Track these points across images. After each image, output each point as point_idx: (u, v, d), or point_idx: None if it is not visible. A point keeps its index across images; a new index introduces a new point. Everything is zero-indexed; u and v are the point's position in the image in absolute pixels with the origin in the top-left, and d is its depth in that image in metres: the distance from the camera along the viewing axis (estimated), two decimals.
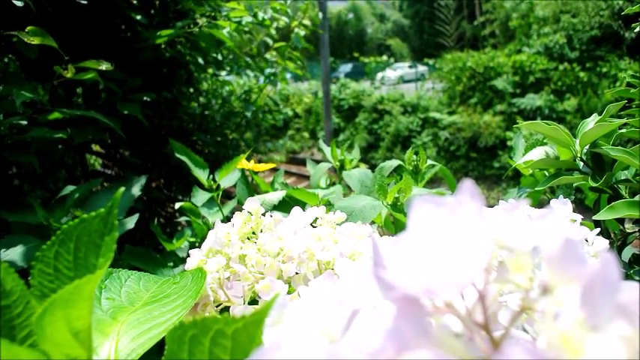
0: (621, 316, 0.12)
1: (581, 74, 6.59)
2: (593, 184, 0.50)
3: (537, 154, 0.57)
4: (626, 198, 0.50)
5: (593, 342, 0.12)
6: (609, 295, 0.13)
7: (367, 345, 0.14)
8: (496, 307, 0.17)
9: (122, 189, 0.25)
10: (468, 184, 0.15)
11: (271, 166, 0.91)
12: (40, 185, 0.99)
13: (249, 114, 1.51)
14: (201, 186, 0.72)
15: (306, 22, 1.49)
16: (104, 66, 0.68)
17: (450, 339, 0.15)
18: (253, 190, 0.76)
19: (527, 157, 0.57)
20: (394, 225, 0.64)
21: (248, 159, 0.85)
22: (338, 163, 0.80)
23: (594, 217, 0.49)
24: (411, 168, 0.73)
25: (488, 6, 10.30)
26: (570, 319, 0.13)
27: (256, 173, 0.82)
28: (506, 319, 0.18)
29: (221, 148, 1.42)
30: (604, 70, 6.54)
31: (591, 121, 0.52)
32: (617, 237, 0.54)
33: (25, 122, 0.68)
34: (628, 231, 0.52)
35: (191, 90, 1.37)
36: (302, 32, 1.48)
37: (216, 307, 0.35)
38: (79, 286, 0.20)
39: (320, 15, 4.74)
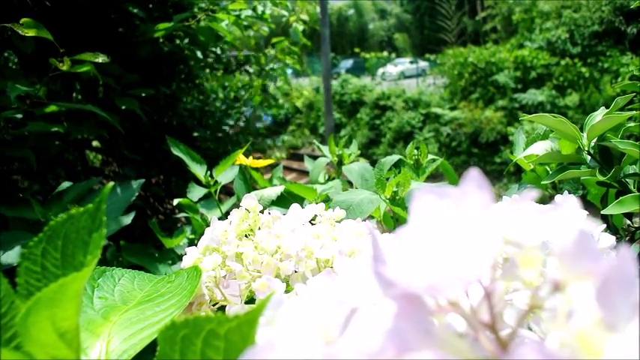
0: None
1: (583, 70, 6.56)
2: (601, 178, 0.49)
3: (541, 148, 0.56)
4: (634, 192, 0.49)
5: (612, 342, 0.11)
6: (628, 292, 0.12)
7: (366, 345, 0.13)
8: (502, 305, 0.16)
9: (111, 184, 0.24)
10: (474, 174, 0.14)
11: (270, 161, 0.90)
12: (40, 181, 0.98)
13: (248, 110, 1.50)
14: (200, 182, 0.71)
15: (304, 16, 1.48)
16: (101, 58, 0.67)
17: (454, 339, 0.14)
18: (252, 186, 0.75)
19: (528, 151, 0.56)
20: (394, 220, 0.63)
21: (246, 154, 0.84)
22: (336, 158, 0.79)
23: (602, 212, 0.48)
24: (412, 162, 0.72)
25: (489, 1, 10.24)
26: (586, 318, 0.12)
27: (255, 169, 0.81)
28: (513, 319, 0.17)
29: (220, 144, 1.42)
30: (606, 65, 6.50)
31: (599, 114, 0.51)
32: (624, 233, 0.53)
33: (20, 116, 0.67)
34: (635, 226, 0.51)
35: (190, 85, 1.36)
36: (301, 27, 1.47)
37: (213, 306, 0.34)
38: (64, 285, 0.19)
39: (318, 10, 4.71)
